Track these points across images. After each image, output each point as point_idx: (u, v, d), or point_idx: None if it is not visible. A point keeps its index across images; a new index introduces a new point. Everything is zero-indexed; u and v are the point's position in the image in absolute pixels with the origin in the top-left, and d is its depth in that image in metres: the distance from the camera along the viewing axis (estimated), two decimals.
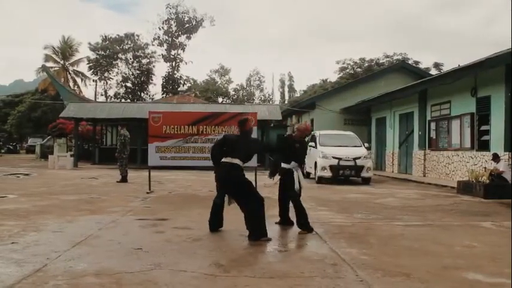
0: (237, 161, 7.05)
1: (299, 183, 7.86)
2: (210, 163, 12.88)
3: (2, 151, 48.29)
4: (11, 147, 54.11)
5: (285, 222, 8.16)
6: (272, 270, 5.14)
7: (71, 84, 52.26)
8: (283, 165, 7.96)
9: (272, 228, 7.96)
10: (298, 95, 66.49)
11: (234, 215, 7.53)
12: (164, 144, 12.76)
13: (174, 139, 12.69)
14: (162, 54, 57.76)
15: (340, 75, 50.20)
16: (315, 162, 18.04)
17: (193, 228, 7.63)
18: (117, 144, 17.55)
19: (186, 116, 13.74)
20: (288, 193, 7.93)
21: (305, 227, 7.54)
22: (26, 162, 31.49)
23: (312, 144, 19.28)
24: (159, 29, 57.01)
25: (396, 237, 7.18)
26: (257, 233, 6.76)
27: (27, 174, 20.16)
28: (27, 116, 50.61)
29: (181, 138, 12.68)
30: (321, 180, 17.47)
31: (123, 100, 54.24)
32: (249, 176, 7.62)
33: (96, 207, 10.05)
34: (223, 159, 7.15)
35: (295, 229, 7.69)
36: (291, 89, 75.46)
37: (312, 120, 30.13)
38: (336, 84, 44.48)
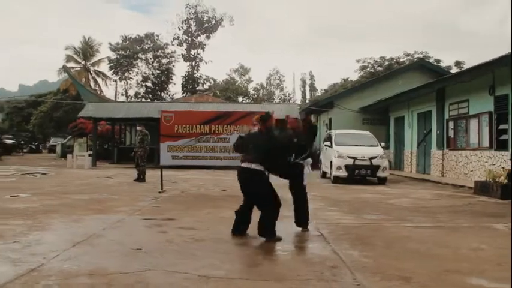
0: (246, 163, 6.84)
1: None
2: (221, 162, 13.03)
3: (24, 150, 48.92)
4: (33, 147, 54.86)
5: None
6: (268, 273, 5.05)
7: (92, 84, 52.81)
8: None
9: (276, 229, 7.90)
10: (319, 94, 66.19)
11: None
12: (176, 143, 12.81)
13: (186, 138, 12.72)
14: (181, 54, 57.99)
15: (361, 74, 49.79)
16: (331, 162, 17.89)
17: (199, 228, 7.58)
18: (136, 143, 17.62)
19: (197, 115, 13.76)
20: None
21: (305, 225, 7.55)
22: (46, 162, 31.85)
23: (328, 143, 19.16)
24: (179, 28, 57.25)
25: (402, 239, 7.03)
26: (266, 236, 6.65)
27: (44, 174, 20.36)
28: (49, 116, 51.20)
29: (193, 137, 12.70)
30: (337, 180, 17.31)
31: (143, 100, 54.58)
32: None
33: (105, 206, 10.06)
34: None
35: (300, 231, 7.58)
36: (312, 88, 75.13)
37: (330, 120, 29.94)
38: (356, 83, 44.10)
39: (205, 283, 4.62)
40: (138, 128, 17.75)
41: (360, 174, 17.36)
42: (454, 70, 39.22)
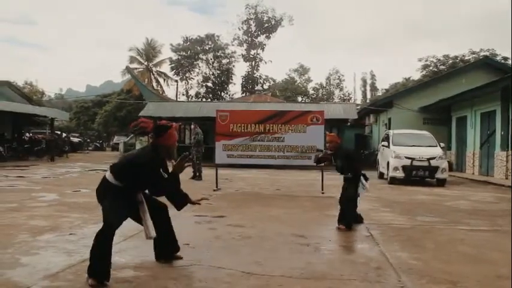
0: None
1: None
2: (275, 161, 13.03)
3: (89, 148, 50.65)
4: (98, 145, 56.77)
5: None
6: (311, 271, 5.05)
7: (154, 84, 54.11)
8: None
9: (326, 229, 7.89)
10: (380, 93, 65.15)
11: (291, 215, 7.49)
12: (231, 142, 12.89)
13: (241, 137, 12.79)
14: (241, 54, 58.53)
15: (423, 73, 48.67)
16: (388, 162, 17.59)
17: (247, 226, 7.65)
18: (191, 142, 17.92)
19: (252, 114, 13.82)
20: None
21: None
22: (109, 159, 32.79)
23: (385, 143, 18.86)
24: (239, 29, 57.84)
25: (455, 242, 6.85)
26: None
27: (106, 170, 20.99)
28: (113, 115, 52.75)
29: (248, 136, 12.76)
30: (394, 180, 17.00)
31: (204, 100, 55.39)
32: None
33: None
34: None
35: (350, 231, 7.53)
36: (373, 87, 74.07)
37: (389, 120, 29.41)
38: (418, 82, 43.10)
39: (247, 279, 4.67)
40: (192, 126, 18.03)
41: (417, 175, 16.96)
42: None
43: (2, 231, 6.73)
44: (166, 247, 5.24)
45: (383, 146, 19.19)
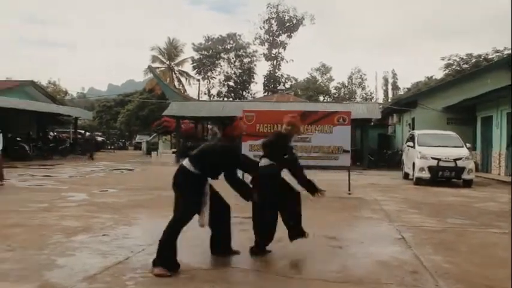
0: None
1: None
2: (301, 162, 13.00)
3: (112, 147, 51.11)
4: (121, 144, 57.27)
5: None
6: (347, 275, 5.03)
7: (176, 83, 54.35)
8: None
9: (356, 231, 7.85)
10: (402, 93, 64.62)
11: (320, 216, 7.44)
12: (257, 142, 12.84)
13: None
14: (263, 53, 58.62)
15: (446, 72, 48.09)
16: (413, 163, 17.44)
17: (277, 228, 7.61)
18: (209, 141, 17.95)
19: (279, 115, 13.77)
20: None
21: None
22: (132, 158, 33.10)
23: (410, 144, 18.70)
24: (260, 28, 57.89)
25: (488, 246, 6.77)
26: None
27: (130, 170, 21.20)
28: (136, 114, 53.10)
29: None
30: (419, 181, 16.85)
31: (225, 99, 55.54)
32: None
33: None
34: None
35: (381, 232, 7.49)
36: (395, 86, 73.47)
37: (413, 119, 29.14)
38: (441, 81, 42.62)
39: (283, 283, 4.67)
40: (209, 126, 18.10)
41: (443, 176, 16.78)
42: None
43: (35, 232, 6.82)
44: (221, 245, 5.65)
45: (408, 146, 19.04)
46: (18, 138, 26.15)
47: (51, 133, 37.90)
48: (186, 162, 5.31)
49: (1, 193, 11.58)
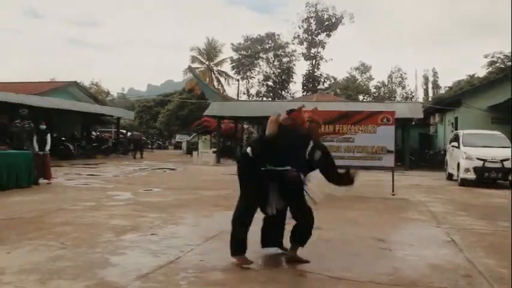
0: None
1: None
2: (344, 162, 12.87)
3: (153, 147, 51.82)
4: (161, 144, 57.99)
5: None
6: (399, 277, 4.94)
7: (215, 83, 54.72)
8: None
9: (404, 232, 7.73)
10: (443, 91, 63.41)
11: (366, 217, 7.37)
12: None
13: None
14: (302, 53, 58.55)
15: (489, 70, 46.94)
16: (458, 163, 17.08)
17: (325, 228, 7.56)
18: (244, 142, 17.94)
19: (321, 114, 13.67)
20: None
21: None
22: (173, 158, 33.48)
23: (455, 144, 18.32)
24: (299, 27, 57.78)
25: None
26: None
27: (172, 169, 21.44)
28: (175, 114, 53.70)
29: None
30: (464, 182, 16.48)
31: (264, 99, 55.63)
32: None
33: (233, 203, 10.27)
34: None
35: (430, 235, 7.35)
36: (435, 85, 72.10)
37: (456, 119, 28.54)
38: (484, 79, 41.62)
39: (336, 285, 4.62)
40: (245, 126, 18.08)
41: (489, 177, 16.37)
42: None
43: (86, 231, 6.94)
44: (274, 239, 5.73)
45: (452, 146, 18.65)
46: (63, 138, 26.78)
47: (94, 133, 38.64)
48: (248, 149, 5.44)
49: (50, 192, 11.84)
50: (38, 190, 12.02)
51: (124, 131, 42.20)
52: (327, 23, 56.90)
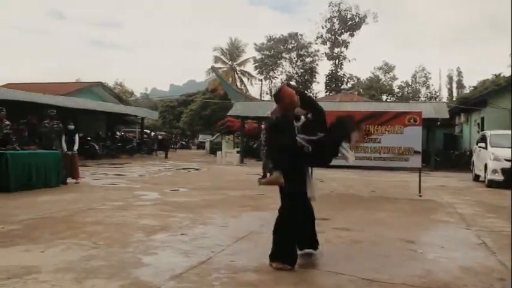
0: None
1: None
2: (370, 163, 12.80)
3: (176, 146, 52.17)
4: (184, 143, 58.32)
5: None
6: (432, 280, 4.90)
7: (238, 83, 54.94)
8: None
9: (433, 234, 7.66)
10: (468, 91, 62.60)
11: (394, 218, 7.33)
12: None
13: None
14: (325, 53, 58.43)
15: None
16: (485, 165, 16.86)
17: (354, 230, 7.56)
18: (261, 141, 17.82)
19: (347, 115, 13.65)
20: None
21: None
22: (197, 157, 33.64)
23: (482, 145, 18.07)
24: (322, 27, 57.64)
25: None
26: None
27: (197, 169, 21.54)
28: (198, 114, 54.01)
29: None
30: (492, 184, 16.26)
31: None
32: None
33: (259, 203, 10.41)
34: None
35: (460, 237, 7.28)
36: (460, 85, 71.20)
37: (482, 119, 28.15)
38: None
39: (369, 286, 4.61)
40: (262, 126, 18.01)
41: None
42: None
43: (117, 230, 7.01)
44: (309, 241, 5.70)
45: (479, 147, 18.41)
46: (88, 138, 27.09)
47: (118, 133, 39.03)
48: None
49: (78, 191, 11.98)
50: (66, 190, 12.19)
51: (148, 131, 42.51)
52: (350, 22, 56.68)
